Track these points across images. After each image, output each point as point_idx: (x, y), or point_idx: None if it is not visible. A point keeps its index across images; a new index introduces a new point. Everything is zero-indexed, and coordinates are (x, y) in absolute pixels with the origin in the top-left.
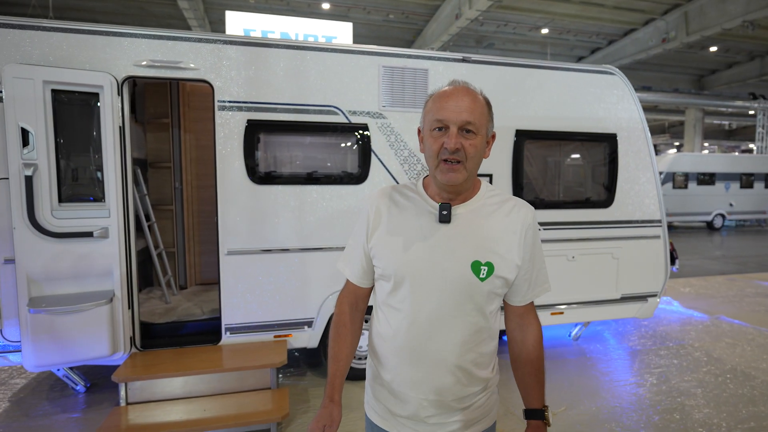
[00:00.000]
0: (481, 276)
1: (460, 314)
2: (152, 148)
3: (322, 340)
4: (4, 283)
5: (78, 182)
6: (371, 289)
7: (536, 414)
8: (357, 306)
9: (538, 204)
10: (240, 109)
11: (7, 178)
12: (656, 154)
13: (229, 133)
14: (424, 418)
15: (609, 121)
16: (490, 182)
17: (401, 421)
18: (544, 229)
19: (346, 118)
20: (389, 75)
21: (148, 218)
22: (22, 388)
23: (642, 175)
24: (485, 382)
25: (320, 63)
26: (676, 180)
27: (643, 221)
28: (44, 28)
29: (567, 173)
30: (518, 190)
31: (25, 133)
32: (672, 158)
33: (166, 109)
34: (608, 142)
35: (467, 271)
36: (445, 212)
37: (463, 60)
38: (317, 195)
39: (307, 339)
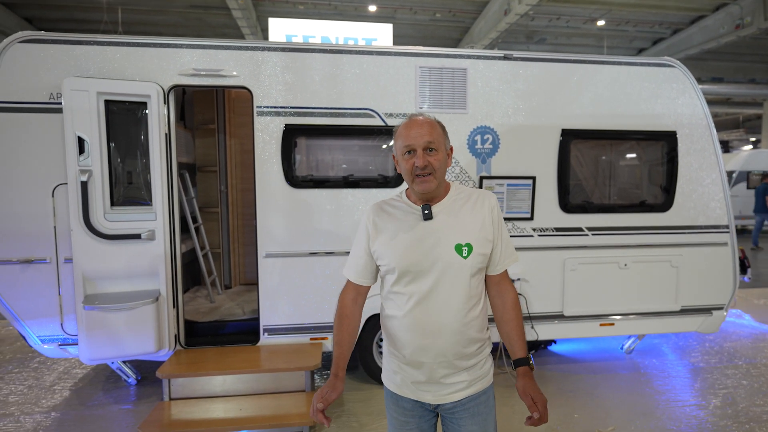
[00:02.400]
0: (464, 255)
1: (452, 287)
2: (200, 153)
3: (357, 344)
4: (65, 280)
5: (128, 187)
6: (369, 287)
7: (522, 361)
8: (357, 300)
9: (588, 208)
10: (278, 114)
11: (66, 184)
12: (729, 151)
13: (267, 138)
14: (439, 379)
15: (667, 117)
16: (534, 185)
17: (418, 386)
18: (593, 234)
19: (383, 120)
20: (426, 76)
21: (195, 220)
22: (82, 378)
23: (706, 176)
24: (480, 342)
25: (356, 66)
26: (751, 180)
27: (707, 227)
28: (99, 43)
29: (620, 174)
30: (564, 192)
31: (81, 142)
32: (747, 155)
33: (213, 115)
34: (666, 140)
35: (452, 253)
36: (427, 211)
37: (504, 57)
38: (353, 199)
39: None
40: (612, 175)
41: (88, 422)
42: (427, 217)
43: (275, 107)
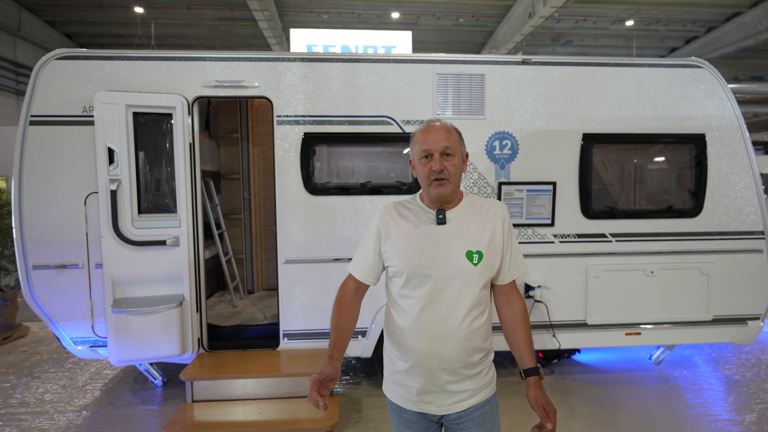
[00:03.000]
0: (474, 262)
1: (460, 294)
2: (225, 161)
3: (376, 350)
4: (95, 285)
5: (154, 195)
6: (368, 287)
7: (532, 371)
8: (357, 292)
9: (611, 213)
10: (297, 122)
11: (97, 192)
12: None
13: (287, 147)
14: (443, 385)
15: (695, 120)
16: (554, 190)
17: (421, 398)
18: (617, 240)
19: (400, 128)
20: (444, 82)
21: (219, 227)
22: (112, 378)
23: (738, 180)
24: (484, 351)
25: (374, 74)
26: None
27: (740, 233)
28: (127, 58)
29: (645, 179)
30: (586, 198)
31: (110, 152)
32: None
33: (237, 124)
34: (694, 143)
35: (463, 259)
36: (441, 216)
37: (523, 62)
38: (371, 205)
39: (360, 349)
40: (637, 180)
41: (117, 422)
42: (441, 221)
43: (294, 116)
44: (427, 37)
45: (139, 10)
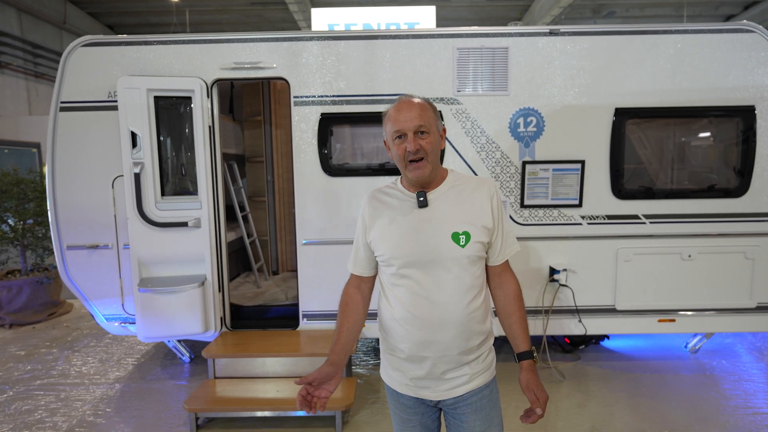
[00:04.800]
0: (461, 243)
1: (451, 277)
2: (249, 144)
3: None
4: (124, 265)
5: (176, 178)
6: (373, 277)
7: (526, 355)
8: (360, 289)
9: (645, 193)
10: (314, 103)
11: (123, 176)
12: None
13: (304, 127)
14: (440, 375)
15: (744, 90)
16: (583, 169)
17: (417, 383)
18: (651, 222)
19: None
20: (465, 57)
21: (243, 209)
22: (144, 354)
23: None
24: (483, 335)
25: (392, 51)
26: None
27: None
28: (148, 43)
29: (684, 156)
30: (618, 177)
31: (133, 136)
32: None
33: (260, 107)
34: (742, 116)
35: (449, 242)
36: (422, 199)
37: (551, 33)
38: None
39: (378, 330)
40: (674, 158)
41: (147, 394)
42: (422, 204)
43: (311, 96)
44: (459, 14)
45: None
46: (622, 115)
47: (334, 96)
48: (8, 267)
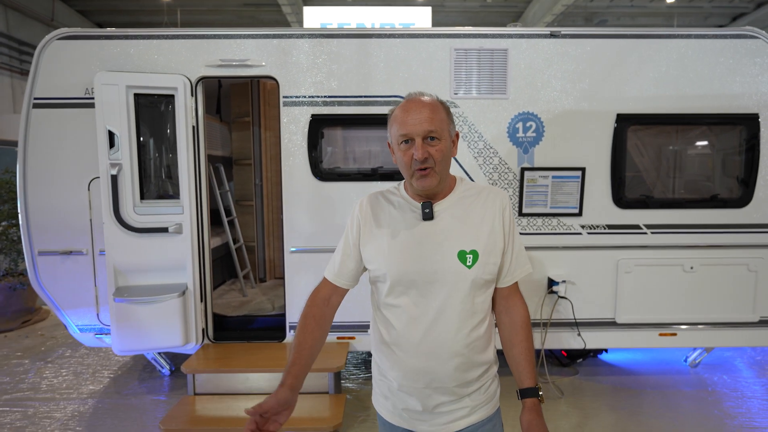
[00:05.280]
0: (467, 264)
1: (453, 302)
2: (237, 146)
3: None
4: (100, 272)
5: (156, 180)
6: (347, 291)
7: (530, 392)
8: (329, 301)
9: (647, 203)
10: (304, 104)
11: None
12: None
13: (294, 129)
14: (433, 408)
15: (748, 98)
16: (583, 177)
17: (413, 415)
18: (653, 232)
19: None
20: (462, 58)
21: (229, 214)
22: (122, 365)
23: None
24: (485, 366)
25: (386, 51)
26: None
27: None
28: (129, 37)
29: (686, 165)
30: (619, 186)
31: (111, 135)
32: None
33: (249, 108)
34: (746, 124)
35: (455, 262)
36: (427, 210)
37: (551, 35)
38: None
39: (368, 343)
40: (677, 166)
41: (121, 411)
42: (428, 216)
43: (301, 96)
44: (453, 19)
45: None
46: (624, 122)
47: (325, 97)
48: None
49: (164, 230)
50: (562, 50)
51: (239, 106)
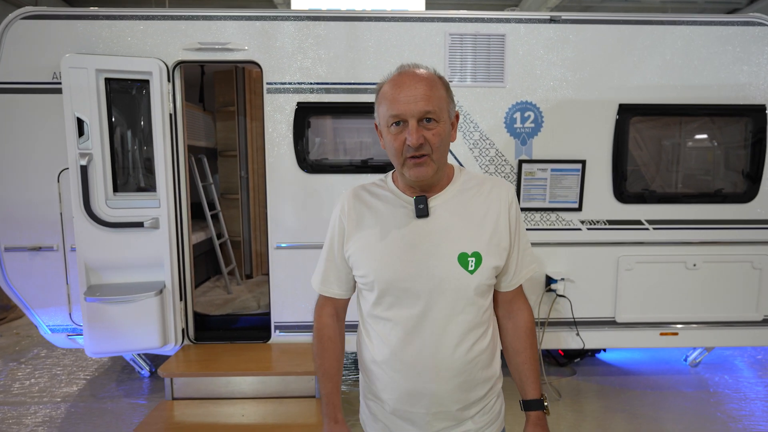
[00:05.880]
0: (469, 268)
1: (452, 314)
2: (221, 137)
3: None
4: (72, 269)
5: (131, 172)
6: (348, 299)
7: (535, 404)
8: (338, 317)
9: (649, 197)
10: (289, 90)
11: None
12: None
13: (279, 118)
14: None
15: (755, 88)
16: (584, 169)
17: None
18: (655, 228)
19: None
20: (458, 44)
21: (213, 207)
22: (99, 366)
23: None
24: (488, 382)
25: (377, 35)
26: None
27: None
28: (101, 17)
29: (690, 158)
30: (620, 179)
31: (80, 123)
32: None
33: (233, 96)
34: (752, 116)
35: (455, 266)
36: (421, 206)
37: (551, 20)
38: None
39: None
40: (680, 159)
41: (96, 416)
42: (422, 213)
43: (286, 83)
44: (450, 8)
45: None
46: (626, 112)
47: (312, 84)
48: None
49: (139, 225)
50: (563, 36)
51: (223, 94)
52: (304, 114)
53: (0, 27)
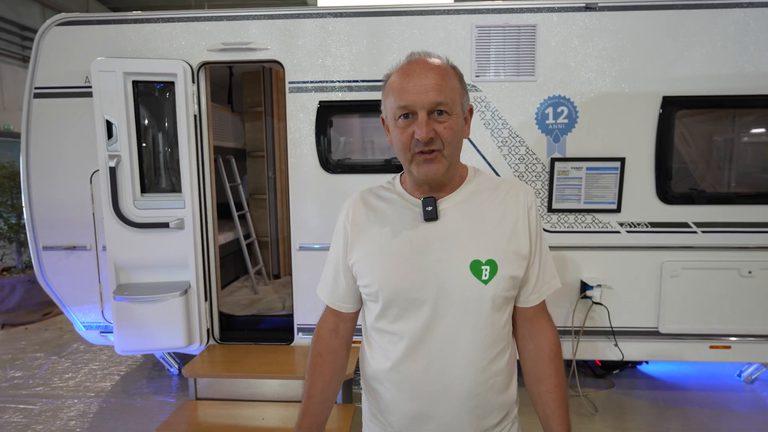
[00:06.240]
0: (483, 278)
1: (463, 328)
2: (249, 138)
3: None
4: (104, 268)
5: (158, 173)
6: (356, 313)
7: None
8: (337, 332)
9: (697, 198)
10: (311, 89)
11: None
12: None
13: (301, 118)
14: None
15: None
16: (622, 168)
17: None
18: (704, 231)
19: None
20: (485, 37)
21: (241, 208)
22: (133, 362)
23: None
24: (504, 408)
25: (400, 30)
26: None
27: None
28: (129, 21)
29: (744, 155)
30: (665, 178)
31: (109, 126)
32: None
33: (261, 97)
34: None
35: (467, 275)
36: (429, 208)
37: (587, 8)
38: None
39: None
40: (733, 156)
41: (125, 412)
42: (430, 216)
43: (308, 82)
44: None
45: None
46: (671, 105)
47: (334, 82)
48: (4, 264)
49: (165, 225)
50: (600, 25)
51: (251, 95)
52: (327, 113)
53: (37, 34)
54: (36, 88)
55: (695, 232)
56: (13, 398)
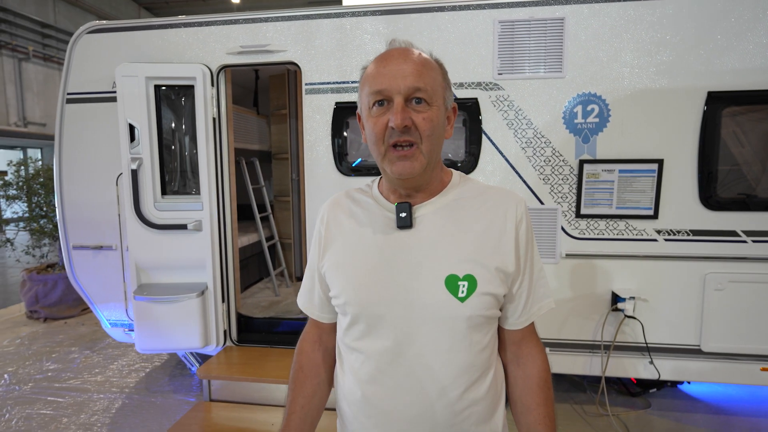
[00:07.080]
0: (460, 295)
1: (437, 351)
2: (275, 140)
3: None
4: (128, 268)
5: (178, 175)
6: (335, 323)
7: None
8: (320, 344)
9: (748, 204)
10: (327, 91)
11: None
12: None
13: (317, 119)
14: None
15: None
16: (660, 170)
17: None
18: (755, 240)
19: None
20: (509, 32)
21: (264, 210)
22: (157, 360)
23: None
24: None
25: (418, 28)
26: None
27: None
28: (152, 27)
29: None
30: (709, 181)
31: (132, 129)
32: None
33: (286, 100)
34: None
35: (441, 291)
36: (403, 214)
37: None
38: None
39: None
40: None
41: (145, 409)
42: (404, 223)
43: (324, 83)
44: None
45: (236, 0)
46: (717, 102)
47: (351, 83)
48: (49, 260)
49: (183, 227)
50: (635, 15)
51: (277, 98)
52: (343, 114)
53: (70, 42)
54: (68, 93)
55: (745, 242)
56: (45, 390)
